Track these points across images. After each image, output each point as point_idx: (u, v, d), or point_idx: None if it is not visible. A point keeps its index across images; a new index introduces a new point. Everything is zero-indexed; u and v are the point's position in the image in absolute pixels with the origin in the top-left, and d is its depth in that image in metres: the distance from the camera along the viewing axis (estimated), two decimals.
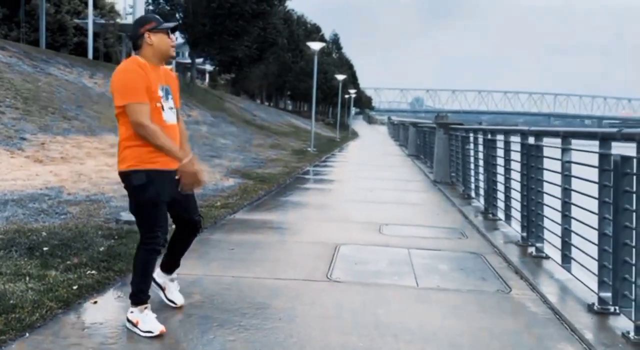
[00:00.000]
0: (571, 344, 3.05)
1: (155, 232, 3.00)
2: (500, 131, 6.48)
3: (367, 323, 3.27)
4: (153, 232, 3.00)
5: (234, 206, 7.10)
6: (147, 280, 3.11)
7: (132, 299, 3.06)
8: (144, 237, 3.04)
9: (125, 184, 3.01)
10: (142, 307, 3.03)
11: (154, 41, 2.95)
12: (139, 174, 2.90)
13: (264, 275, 4.18)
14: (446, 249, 5.31)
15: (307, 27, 66.14)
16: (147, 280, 3.11)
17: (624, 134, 3.19)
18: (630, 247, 3.23)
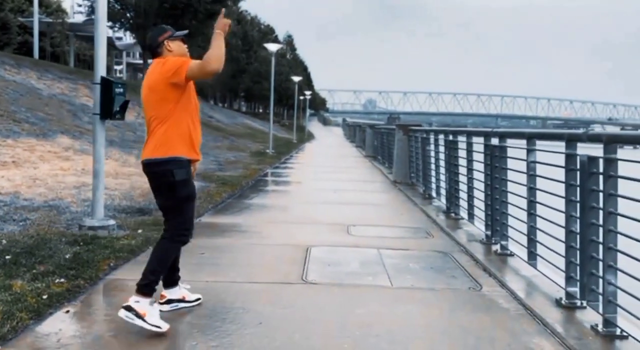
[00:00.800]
0: (545, 338, 3.16)
1: (188, 226, 3.20)
2: (463, 132, 6.64)
3: (349, 324, 3.30)
4: (186, 225, 3.19)
5: (199, 210, 6.98)
6: (163, 271, 3.19)
7: (142, 288, 3.05)
8: (176, 230, 3.17)
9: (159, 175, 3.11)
10: (150, 300, 3.07)
11: (173, 48, 3.21)
12: (183, 169, 3.09)
13: (239, 280, 4.14)
14: (414, 249, 5.40)
15: (261, 28, 65.85)
16: (163, 271, 3.19)
17: (590, 135, 3.34)
18: (597, 243, 3.38)
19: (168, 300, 3.42)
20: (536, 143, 4.41)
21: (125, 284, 3.93)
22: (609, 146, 3.13)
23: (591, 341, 3.11)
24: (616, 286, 3.17)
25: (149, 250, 4.92)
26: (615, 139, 3.10)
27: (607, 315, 3.19)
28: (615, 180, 3.16)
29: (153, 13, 32.31)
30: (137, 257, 4.67)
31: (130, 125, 15.34)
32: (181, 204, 3.15)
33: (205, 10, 33.63)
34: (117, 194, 7.65)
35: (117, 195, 7.62)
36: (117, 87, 5.39)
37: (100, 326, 3.17)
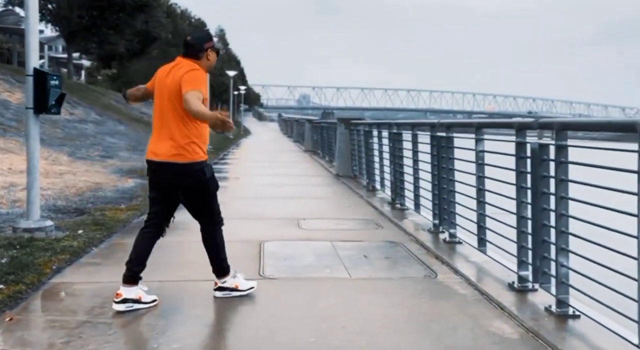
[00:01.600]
0: (504, 321, 3.25)
1: (219, 212, 3.57)
2: (408, 125, 6.75)
3: (313, 317, 3.26)
4: (219, 213, 3.56)
5: (141, 208, 6.71)
6: (224, 252, 3.58)
7: (223, 271, 3.53)
8: (215, 219, 3.54)
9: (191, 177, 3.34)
10: (232, 273, 3.56)
11: (211, 58, 3.47)
12: (208, 166, 3.40)
13: (194, 278, 4.00)
14: (366, 240, 5.43)
15: (192, 21, 64.26)
16: (224, 252, 3.58)
17: (541, 123, 3.46)
18: (548, 227, 3.52)
19: (124, 299, 3.29)
20: (484, 133, 4.55)
21: (72, 287, 3.71)
22: (560, 133, 3.25)
23: (547, 322, 3.23)
24: (568, 268, 3.31)
25: (93, 251, 4.68)
26: (566, 126, 3.22)
27: (560, 296, 3.33)
28: (566, 166, 3.29)
29: (76, 4, 30.79)
30: (81, 259, 4.42)
31: (57, 122, 14.54)
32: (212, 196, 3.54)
33: (133, 2, 32.45)
34: (50, 194, 7.22)
35: (51, 195, 7.19)
36: (51, 79, 5.06)
37: (50, 333, 2.96)
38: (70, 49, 35.91)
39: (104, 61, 44.05)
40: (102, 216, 6.00)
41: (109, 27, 33.30)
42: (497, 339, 2.99)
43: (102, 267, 4.25)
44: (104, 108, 23.06)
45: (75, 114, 17.33)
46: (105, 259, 4.50)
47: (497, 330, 3.11)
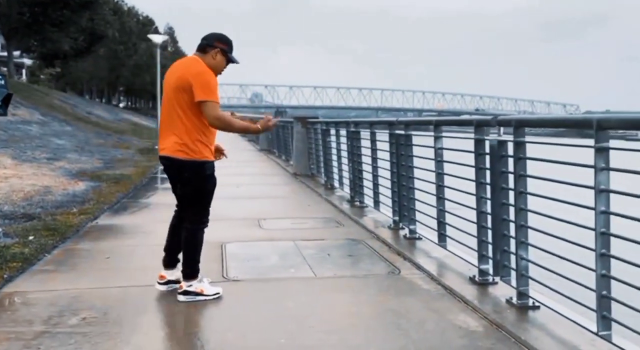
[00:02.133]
0: (468, 315, 3.32)
1: (209, 213, 3.62)
2: (366, 123, 6.80)
3: (282, 318, 3.24)
4: (208, 213, 3.62)
5: (94, 211, 6.51)
6: (199, 254, 3.59)
7: (190, 274, 3.50)
8: (201, 218, 3.58)
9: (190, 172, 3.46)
10: (200, 278, 3.53)
11: (217, 59, 3.51)
12: (209, 163, 3.50)
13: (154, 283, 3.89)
14: (328, 238, 5.44)
15: (140, 19, 62.74)
16: (199, 254, 3.59)
17: (499, 120, 3.55)
18: (508, 222, 3.62)
19: (167, 281, 3.66)
20: (442, 130, 4.64)
21: (26, 296, 3.55)
22: (518, 130, 3.34)
23: (509, 313, 3.32)
24: (528, 260, 3.41)
25: (46, 258, 4.49)
26: (524, 123, 3.32)
27: (521, 288, 3.43)
28: (524, 162, 3.39)
29: (16, 0, 29.48)
30: (34, 266, 4.23)
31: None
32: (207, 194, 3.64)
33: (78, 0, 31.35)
34: None
35: None
36: None
37: (5, 346, 2.82)
38: (10, 47, 34.35)
39: (46, 60, 42.32)
40: (54, 221, 5.77)
41: (52, 24, 32.04)
42: (463, 332, 3.05)
43: (57, 274, 4.08)
44: (49, 108, 22.21)
45: (18, 114, 16.60)
46: (60, 265, 4.32)
47: (463, 323, 3.18)
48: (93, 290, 3.69)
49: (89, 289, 3.71)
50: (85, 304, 3.41)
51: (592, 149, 2.64)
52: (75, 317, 3.18)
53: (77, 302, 3.44)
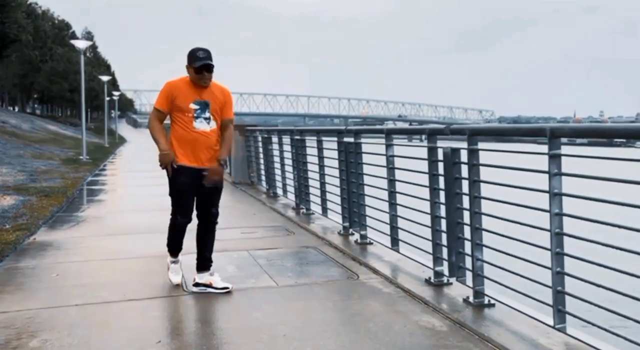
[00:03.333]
0: (431, 315, 3.47)
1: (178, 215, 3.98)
2: (312, 131, 6.89)
3: (252, 328, 3.24)
4: (175, 211, 3.98)
5: (30, 227, 6.17)
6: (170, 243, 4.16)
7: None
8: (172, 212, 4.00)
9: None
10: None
11: (189, 73, 3.84)
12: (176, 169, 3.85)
13: (115, 298, 3.78)
14: (281, 247, 5.47)
15: (55, 23, 59.71)
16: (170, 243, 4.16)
17: (453, 129, 3.75)
18: (462, 225, 3.82)
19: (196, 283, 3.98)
20: (393, 138, 4.81)
21: None
22: (472, 138, 3.55)
23: (468, 312, 3.50)
24: (483, 261, 3.62)
25: None
26: (477, 132, 3.53)
27: (477, 287, 3.63)
28: (478, 168, 3.60)
29: None
30: None
31: None
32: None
33: None
34: None
35: None
36: None
37: None
38: None
39: None
40: None
41: None
42: (430, 332, 3.19)
43: (3, 295, 3.86)
44: None
45: None
46: (4, 285, 4.08)
47: (427, 324, 3.32)
48: (48, 310, 3.53)
49: (43, 308, 3.54)
50: (43, 325, 3.26)
51: (546, 155, 2.86)
52: (36, 339, 3.03)
53: (34, 323, 3.28)
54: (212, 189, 3.96)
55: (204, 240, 4.10)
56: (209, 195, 3.99)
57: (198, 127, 3.83)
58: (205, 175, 3.84)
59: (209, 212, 4.03)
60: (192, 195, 3.96)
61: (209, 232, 4.09)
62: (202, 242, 4.10)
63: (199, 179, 3.84)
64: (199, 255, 4.10)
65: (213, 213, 4.04)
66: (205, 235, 4.09)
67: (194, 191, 3.93)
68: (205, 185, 3.87)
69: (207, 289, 3.94)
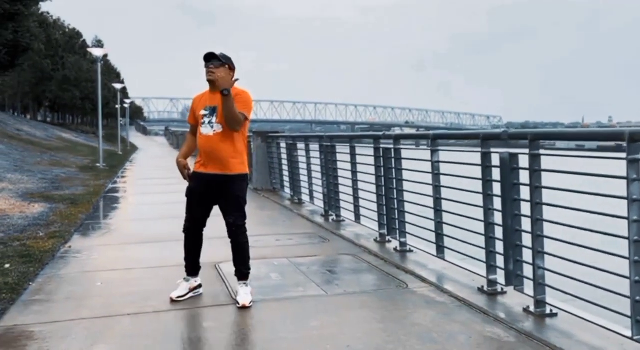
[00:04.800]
0: (493, 325, 3.37)
1: (185, 219, 4.02)
2: (345, 138, 6.82)
3: (312, 338, 3.15)
4: (186, 220, 4.03)
5: (63, 235, 6.12)
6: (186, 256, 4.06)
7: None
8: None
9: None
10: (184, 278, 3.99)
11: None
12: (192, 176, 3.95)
13: (165, 308, 3.70)
14: (320, 254, 5.38)
15: (66, 31, 60.18)
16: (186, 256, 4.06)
17: (511, 134, 3.66)
18: (520, 232, 3.72)
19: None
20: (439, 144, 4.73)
21: (28, 330, 3.27)
22: (534, 143, 3.46)
23: (531, 322, 3.40)
24: (545, 269, 3.51)
25: (32, 286, 4.16)
26: (539, 136, 3.44)
27: (539, 296, 3.52)
28: (540, 174, 3.50)
29: None
30: (22, 296, 3.91)
31: None
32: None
33: (3, 11, 29.64)
34: None
35: None
36: None
37: None
38: None
39: None
40: (23, 247, 5.37)
41: None
42: (497, 343, 3.09)
43: (54, 304, 3.79)
44: None
45: None
46: (53, 294, 4.02)
47: (493, 334, 3.22)
48: (102, 319, 3.46)
49: (96, 318, 3.47)
50: (101, 335, 3.19)
51: (625, 160, 2.76)
52: (100, 346, 2.95)
53: (91, 333, 3.21)
54: (228, 198, 3.83)
55: (233, 251, 3.97)
56: (224, 204, 3.87)
57: (203, 131, 3.81)
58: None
59: (227, 221, 3.88)
60: (200, 202, 3.90)
61: (232, 243, 3.93)
62: (233, 254, 3.98)
63: (208, 184, 3.82)
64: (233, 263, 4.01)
65: (230, 222, 3.86)
66: (233, 246, 3.95)
67: (203, 198, 3.88)
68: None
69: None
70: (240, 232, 3.90)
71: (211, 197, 3.87)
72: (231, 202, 3.85)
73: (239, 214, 3.88)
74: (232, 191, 3.83)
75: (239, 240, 3.91)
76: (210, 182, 3.81)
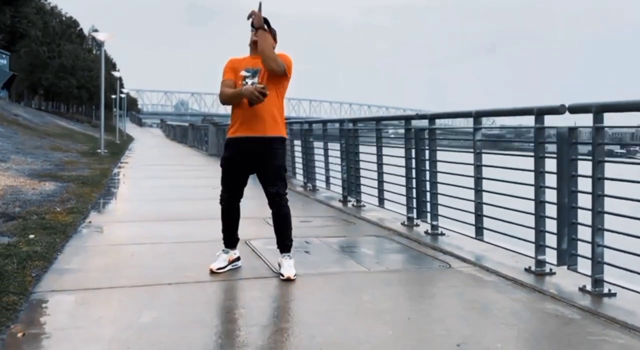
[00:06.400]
0: (554, 303, 3.22)
1: (222, 190, 3.80)
2: (370, 119, 6.67)
3: (370, 311, 3.01)
4: (222, 191, 3.82)
5: (81, 210, 5.92)
6: (223, 229, 3.87)
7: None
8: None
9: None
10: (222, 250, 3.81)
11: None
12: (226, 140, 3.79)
13: (206, 279, 3.55)
14: (349, 235, 5.24)
15: (63, 19, 59.52)
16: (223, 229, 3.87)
17: (572, 107, 3.52)
18: (576, 209, 3.59)
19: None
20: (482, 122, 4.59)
21: (69, 296, 3.10)
22: (598, 115, 3.33)
23: (591, 300, 3.27)
24: (605, 247, 3.39)
25: (60, 257, 3.99)
26: (605, 108, 3.31)
27: (597, 275, 3.39)
28: (603, 148, 3.37)
29: None
30: (54, 265, 3.74)
31: None
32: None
33: None
34: None
35: None
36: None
37: None
38: None
39: None
40: (43, 220, 5.18)
41: None
42: (563, 320, 2.95)
43: (92, 273, 3.62)
44: None
45: None
46: (84, 264, 3.85)
47: (556, 311, 3.08)
48: (144, 288, 3.30)
49: (137, 286, 3.32)
50: (146, 302, 3.03)
51: None
52: (144, 314, 2.79)
53: (135, 301, 3.04)
54: (268, 167, 3.67)
55: (275, 224, 3.81)
56: (264, 173, 3.71)
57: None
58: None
59: (269, 191, 3.73)
60: (238, 170, 3.72)
61: (275, 213, 3.77)
62: (275, 225, 3.82)
63: (246, 150, 3.62)
64: (275, 235, 3.85)
65: (272, 192, 3.70)
66: (275, 217, 3.79)
67: (240, 166, 3.70)
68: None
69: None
70: (284, 202, 3.74)
71: (249, 165, 3.69)
72: (272, 170, 3.69)
73: (281, 183, 3.74)
74: (273, 158, 3.66)
75: (282, 210, 3.75)
76: (249, 146, 3.61)
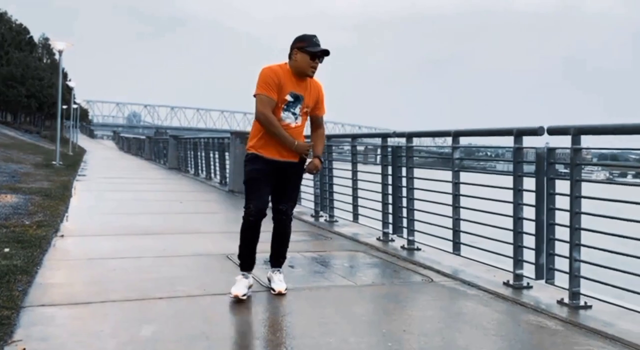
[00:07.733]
0: (536, 315, 3.38)
1: (248, 202, 3.59)
2: (346, 136, 6.78)
3: (364, 323, 3.09)
4: (247, 203, 3.60)
5: (51, 224, 5.75)
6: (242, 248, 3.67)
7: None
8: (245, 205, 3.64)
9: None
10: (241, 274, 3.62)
11: (297, 58, 3.52)
12: (248, 154, 3.65)
13: (197, 293, 3.52)
14: (328, 250, 5.30)
15: (12, 26, 57.61)
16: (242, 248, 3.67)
17: (550, 129, 3.73)
18: (553, 226, 3.79)
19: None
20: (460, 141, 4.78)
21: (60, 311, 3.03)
22: (576, 137, 3.54)
23: (571, 313, 3.44)
24: (582, 261, 3.58)
25: (40, 271, 3.88)
26: (582, 131, 3.52)
27: (574, 289, 3.58)
28: (579, 168, 3.59)
29: None
30: (37, 279, 3.63)
31: None
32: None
33: None
34: None
35: None
36: None
37: None
38: None
39: None
40: (14, 233, 5.01)
41: None
42: (549, 331, 3.10)
43: (73, 287, 3.53)
44: None
45: None
46: (68, 278, 3.76)
47: (541, 323, 3.24)
48: (135, 302, 3.25)
49: (127, 301, 3.26)
50: (142, 316, 2.99)
51: None
52: (144, 328, 2.76)
53: (129, 316, 3.00)
54: (290, 186, 3.66)
55: (275, 240, 3.80)
56: (284, 191, 3.65)
57: (285, 119, 3.55)
58: (306, 167, 3.69)
59: (278, 209, 3.68)
60: (268, 186, 3.60)
61: (279, 231, 3.78)
62: (275, 241, 3.81)
63: (275, 171, 3.55)
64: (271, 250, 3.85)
65: (282, 210, 3.67)
66: (277, 234, 3.79)
67: (271, 182, 3.59)
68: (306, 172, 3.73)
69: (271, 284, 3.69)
70: (289, 222, 3.77)
71: (277, 178, 3.61)
72: (293, 189, 3.73)
73: (293, 203, 3.79)
74: (298, 179, 3.75)
75: (286, 229, 3.77)
76: (278, 165, 3.57)
